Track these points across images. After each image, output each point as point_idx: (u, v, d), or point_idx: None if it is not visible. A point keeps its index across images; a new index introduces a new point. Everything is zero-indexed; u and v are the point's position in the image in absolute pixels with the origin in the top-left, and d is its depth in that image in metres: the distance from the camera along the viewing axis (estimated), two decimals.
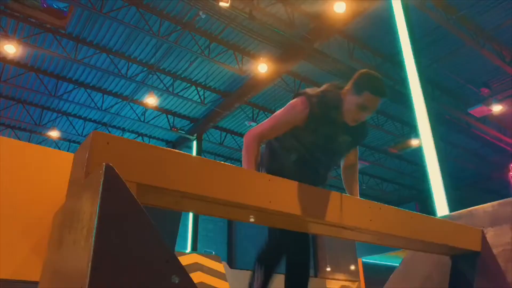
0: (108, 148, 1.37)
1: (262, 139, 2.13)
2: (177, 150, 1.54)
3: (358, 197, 2.34)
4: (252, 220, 1.81)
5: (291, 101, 2.17)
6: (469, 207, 3.02)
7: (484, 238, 2.59)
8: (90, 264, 1.04)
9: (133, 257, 1.12)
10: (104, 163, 1.20)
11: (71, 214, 1.41)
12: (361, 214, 2.01)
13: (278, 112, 2.16)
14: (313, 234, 2.25)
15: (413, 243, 2.40)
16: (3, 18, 9.02)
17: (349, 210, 1.96)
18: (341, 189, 2.22)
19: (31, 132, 13.65)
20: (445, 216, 3.25)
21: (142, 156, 1.43)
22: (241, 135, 14.33)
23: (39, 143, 14.01)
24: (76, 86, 11.49)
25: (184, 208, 1.66)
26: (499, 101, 11.54)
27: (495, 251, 2.51)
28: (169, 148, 1.54)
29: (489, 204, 2.83)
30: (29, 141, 13.79)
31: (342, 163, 2.48)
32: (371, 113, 2.13)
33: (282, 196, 1.75)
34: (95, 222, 1.11)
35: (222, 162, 1.66)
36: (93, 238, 1.08)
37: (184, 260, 8.12)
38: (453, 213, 3.20)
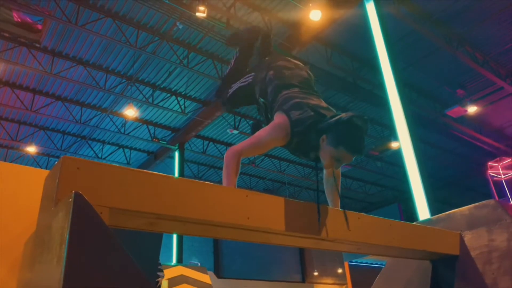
0: (79, 173, 1.34)
1: (242, 156, 2.10)
2: (150, 171, 1.52)
3: (338, 207, 2.36)
4: None
5: (274, 121, 2.14)
6: (451, 205, 3.08)
7: (462, 241, 2.64)
8: None
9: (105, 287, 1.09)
10: (73, 191, 1.17)
11: (41, 242, 1.37)
12: (340, 225, 2.02)
13: (261, 131, 2.14)
14: (292, 247, 2.26)
15: (392, 250, 2.43)
16: None
17: (327, 222, 1.97)
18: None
19: (8, 148, 13.33)
20: (425, 221, 3.30)
21: (114, 180, 1.41)
22: (224, 143, 14.31)
23: (17, 159, 13.71)
24: (53, 100, 11.28)
25: (159, 229, 1.64)
26: (474, 101, 11.84)
27: (473, 254, 2.56)
28: (142, 170, 1.51)
29: (466, 207, 2.89)
30: (5, 158, 13.46)
31: (325, 174, 2.48)
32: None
33: (260, 212, 1.75)
34: (65, 252, 1.08)
35: (198, 180, 1.64)
36: (63, 267, 1.06)
37: (170, 273, 8.03)
38: (432, 217, 3.25)
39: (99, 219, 1.18)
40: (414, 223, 3.14)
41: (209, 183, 1.65)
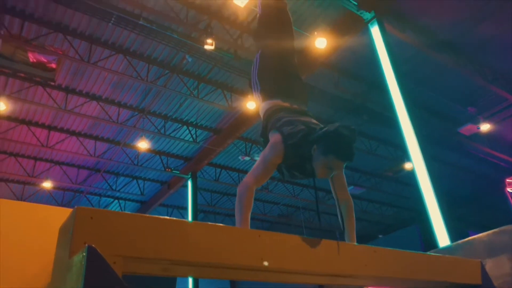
0: (92, 223, 1.36)
1: (255, 186, 2.19)
2: (162, 217, 1.53)
3: (353, 241, 2.33)
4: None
5: (270, 141, 2.31)
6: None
7: (483, 270, 2.56)
8: None
9: None
10: (86, 244, 1.19)
11: None
12: (355, 260, 1.99)
13: (261, 155, 2.28)
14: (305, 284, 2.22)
15: (411, 283, 2.36)
16: None
17: (342, 258, 1.94)
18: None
19: (24, 184, 13.54)
20: (444, 248, 3.22)
21: (127, 228, 1.42)
22: (236, 170, 14.32)
23: (33, 194, 13.89)
24: (68, 136, 11.52)
25: (174, 274, 1.63)
26: (486, 118, 11.71)
27: (495, 283, 2.48)
28: (155, 216, 1.52)
29: (485, 233, 2.82)
30: (22, 193, 13.66)
31: (336, 202, 2.49)
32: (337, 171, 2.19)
33: (274, 252, 1.73)
34: None
35: (214, 223, 1.65)
36: None
37: None
38: (451, 244, 3.18)
39: (113, 273, 1.19)
40: (432, 251, 3.08)
41: (221, 225, 1.65)
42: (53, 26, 8.36)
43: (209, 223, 1.64)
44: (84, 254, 1.17)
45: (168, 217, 1.55)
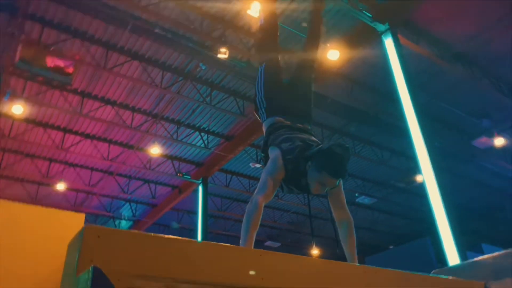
0: (99, 242, 1.42)
1: (264, 202, 2.24)
2: (167, 236, 1.58)
3: (355, 261, 2.35)
4: None
5: (270, 156, 2.39)
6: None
7: None
8: None
9: None
10: (92, 265, 1.25)
11: None
12: (356, 281, 2.01)
13: (264, 171, 2.33)
14: None
15: None
16: (11, 79, 9.36)
17: (343, 278, 1.96)
18: None
19: (39, 184, 13.80)
20: (451, 267, 3.21)
21: (133, 246, 1.47)
22: (246, 176, 14.38)
23: (47, 194, 14.14)
24: (82, 138, 11.72)
25: None
26: (501, 131, 11.55)
27: None
28: (159, 235, 1.58)
29: (491, 255, 2.81)
30: (36, 194, 13.92)
31: (336, 222, 2.52)
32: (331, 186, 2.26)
33: (274, 271, 1.77)
34: None
35: (217, 243, 1.69)
36: None
37: None
38: (459, 264, 3.17)
39: None
40: (436, 270, 3.07)
41: (224, 244, 1.70)
42: (71, 32, 8.56)
43: (213, 242, 1.68)
44: (90, 275, 1.23)
45: (173, 236, 1.60)
